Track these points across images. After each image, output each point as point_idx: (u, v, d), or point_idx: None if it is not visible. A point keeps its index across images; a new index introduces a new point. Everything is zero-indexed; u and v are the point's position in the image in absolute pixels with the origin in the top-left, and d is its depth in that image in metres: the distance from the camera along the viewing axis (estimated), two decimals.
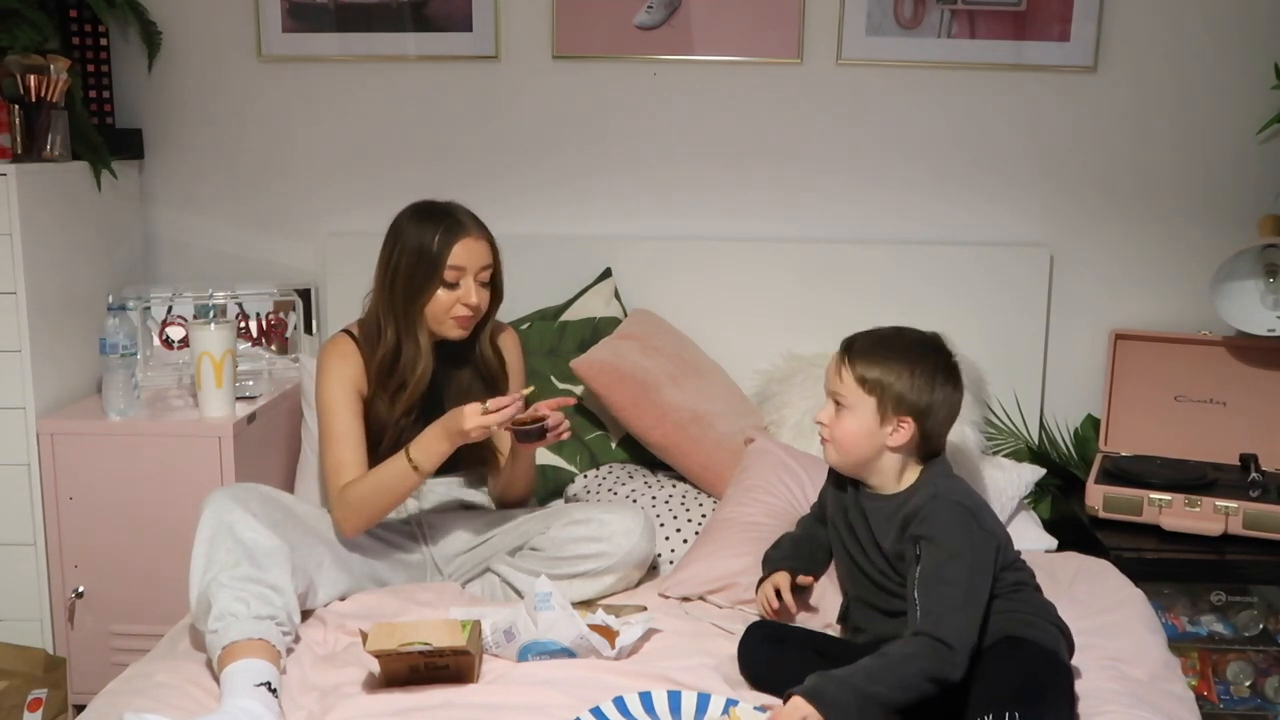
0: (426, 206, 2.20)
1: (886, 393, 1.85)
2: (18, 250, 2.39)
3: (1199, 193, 2.87)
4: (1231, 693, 2.48)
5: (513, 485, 2.32)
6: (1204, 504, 2.44)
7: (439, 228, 2.15)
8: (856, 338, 1.94)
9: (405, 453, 2.09)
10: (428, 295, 2.16)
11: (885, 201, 2.92)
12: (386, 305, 2.19)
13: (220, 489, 2.05)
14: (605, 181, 2.95)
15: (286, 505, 2.15)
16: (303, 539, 2.06)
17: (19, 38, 2.51)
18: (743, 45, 2.86)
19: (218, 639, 1.82)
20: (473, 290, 2.16)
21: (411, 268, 2.15)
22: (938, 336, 1.94)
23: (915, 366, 1.86)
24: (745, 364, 2.84)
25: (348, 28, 2.89)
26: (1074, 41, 2.81)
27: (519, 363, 2.38)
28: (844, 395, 1.89)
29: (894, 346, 1.89)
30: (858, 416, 1.88)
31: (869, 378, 1.87)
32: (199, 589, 1.90)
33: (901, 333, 1.93)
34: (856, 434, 1.88)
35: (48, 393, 2.50)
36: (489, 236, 2.21)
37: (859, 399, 1.87)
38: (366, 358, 2.21)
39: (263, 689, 1.74)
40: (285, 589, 1.92)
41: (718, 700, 1.72)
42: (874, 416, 1.86)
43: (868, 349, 1.90)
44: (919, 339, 1.92)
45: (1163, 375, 2.78)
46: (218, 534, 1.94)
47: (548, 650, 1.89)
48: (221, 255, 3.00)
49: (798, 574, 2.05)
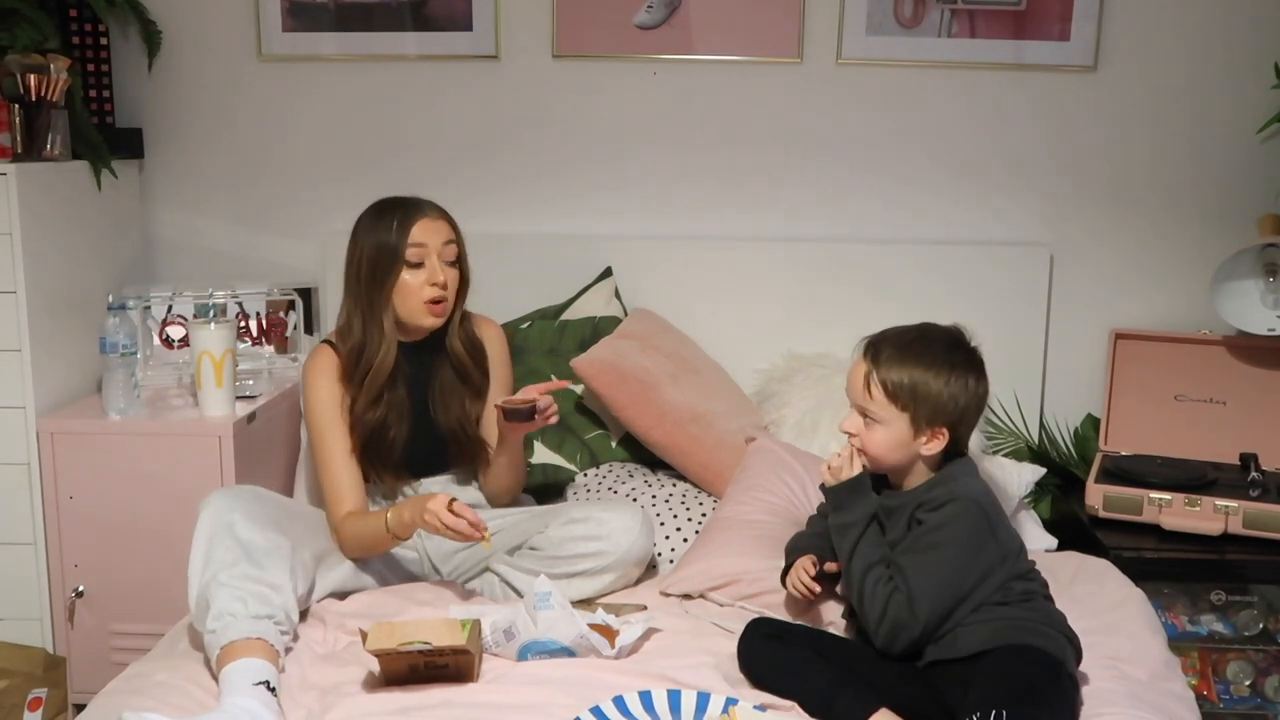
0: (382, 201, 2.26)
1: (920, 407, 1.79)
2: (18, 250, 2.39)
3: (1199, 192, 2.87)
4: (1231, 692, 2.47)
5: (501, 476, 2.32)
6: (1204, 503, 2.44)
7: (395, 215, 2.20)
8: (881, 345, 1.84)
9: (385, 520, 2.10)
10: (392, 280, 2.19)
11: (885, 201, 2.92)
12: (353, 301, 2.23)
13: (219, 490, 2.06)
14: (605, 181, 2.95)
15: (286, 505, 2.17)
16: (303, 537, 2.07)
17: (19, 37, 2.51)
18: (743, 45, 2.86)
19: (216, 638, 1.83)
20: (438, 268, 2.19)
21: (374, 257, 2.19)
22: (960, 331, 1.87)
23: (949, 374, 1.79)
24: (745, 363, 2.84)
25: (347, 27, 2.89)
26: (1074, 41, 2.80)
27: (502, 355, 2.39)
28: (874, 411, 1.82)
29: (923, 354, 1.81)
30: (890, 430, 1.82)
31: (901, 393, 1.80)
32: (198, 588, 1.91)
33: (926, 335, 1.85)
34: (889, 446, 1.83)
35: (48, 392, 2.49)
36: (448, 217, 2.25)
37: (892, 414, 1.81)
38: (340, 341, 2.25)
39: (261, 688, 1.74)
40: (284, 588, 1.92)
41: (717, 699, 1.72)
42: (907, 429, 1.81)
43: (897, 359, 1.81)
44: (946, 340, 1.84)
45: (1163, 374, 2.77)
46: (216, 533, 1.94)
47: (547, 649, 1.89)
48: (221, 254, 3.00)
49: (824, 560, 1.99)
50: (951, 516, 1.78)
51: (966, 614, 1.77)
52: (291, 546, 1.99)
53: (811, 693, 1.74)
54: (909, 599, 1.76)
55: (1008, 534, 1.84)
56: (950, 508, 1.79)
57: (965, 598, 1.76)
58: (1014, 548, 1.83)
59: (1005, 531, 1.83)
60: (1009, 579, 1.79)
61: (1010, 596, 1.78)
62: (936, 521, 1.79)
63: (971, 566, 1.77)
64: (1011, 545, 1.83)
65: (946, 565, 1.76)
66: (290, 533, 2.03)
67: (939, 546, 1.77)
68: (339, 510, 2.19)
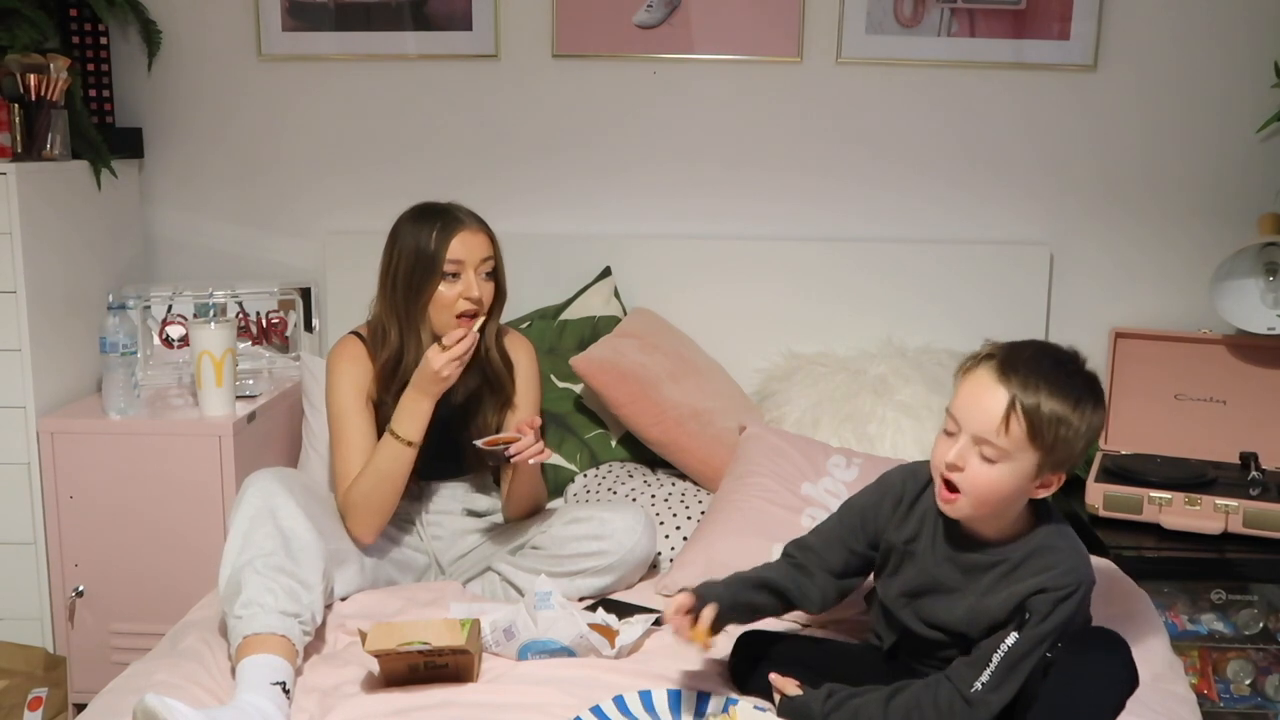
0: (423, 207, 2.21)
1: (1056, 451, 1.54)
2: (18, 249, 2.39)
3: (1199, 191, 2.87)
4: (1232, 691, 2.48)
5: (516, 500, 2.27)
6: (1204, 502, 2.44)
7: (435, 224, 2.15)
8: (1020, 368, 1.54)
9: (390, 431, 2.10)
10: (429, 292, 2.15)
11: (885, 200, 2.92)
12: (389, 308, 2.19)
13: (265, 470, 2.03)
14: (605, 180, 2.95)
15: (322, 498, 2.16)
16: (333, 534, 2.07)
17: (19, 37, 2.51)
18: (742, 44, 2.86)
19: (241, 625, 1.81)
20: (474, 283, 2.16)
21: (411, 267, 2.15)
22: (1081, 358, 1.62)
23: (1091, 411, 1.55)
24: (745, 362, 2.84)
25: (347, 26, 2.89)
26: (1074, 40, 2.80)
27: (531, 372, 2.32)
28: (1004, 446, 1.54)
29: (1068, 386, 1.54)
30: (1015, 471, 1.55)
31: (1047, 431, 1.52)
32: (231, 568, 1.89)
33: (1062, 361, 1.58)
34: (1007, 488, 1.56)
35: (48, 392, 2.50)
36: (488, 230, 2.21)
37: (1024, 454, 1.54)
38: (374, 359, 2.21)
39: (277, 688, 1.73)
40: (314, 587, 1.91)
41: (717, 699, 1.73)
42: (1032, 471, 1.55)
43: (1046, 389, 1.53)
44: (1084, 377, 1.58)
45: (1163, 373, 2.78)
46: (260, 515, 1.92)
47: (547, 649, 1.89)
48: (221, 254, 3.00)
49: (721, 609, 1.71)
50: (1053, 621, 1.57)
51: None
52: (326, 543, 1.98)
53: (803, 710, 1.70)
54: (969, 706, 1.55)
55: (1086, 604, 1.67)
56: (1068, 608, 1.57)
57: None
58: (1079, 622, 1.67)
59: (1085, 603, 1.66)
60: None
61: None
62: (1031, 643, 1.56)
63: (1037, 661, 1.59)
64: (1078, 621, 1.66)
65: (1020, 675, 1.57)
66: (324, 526, 2.02)
67: (1019, 668, 1.57)
68: (345, 488, 2.16)
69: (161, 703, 1.57)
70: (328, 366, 2.25)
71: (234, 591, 1.86)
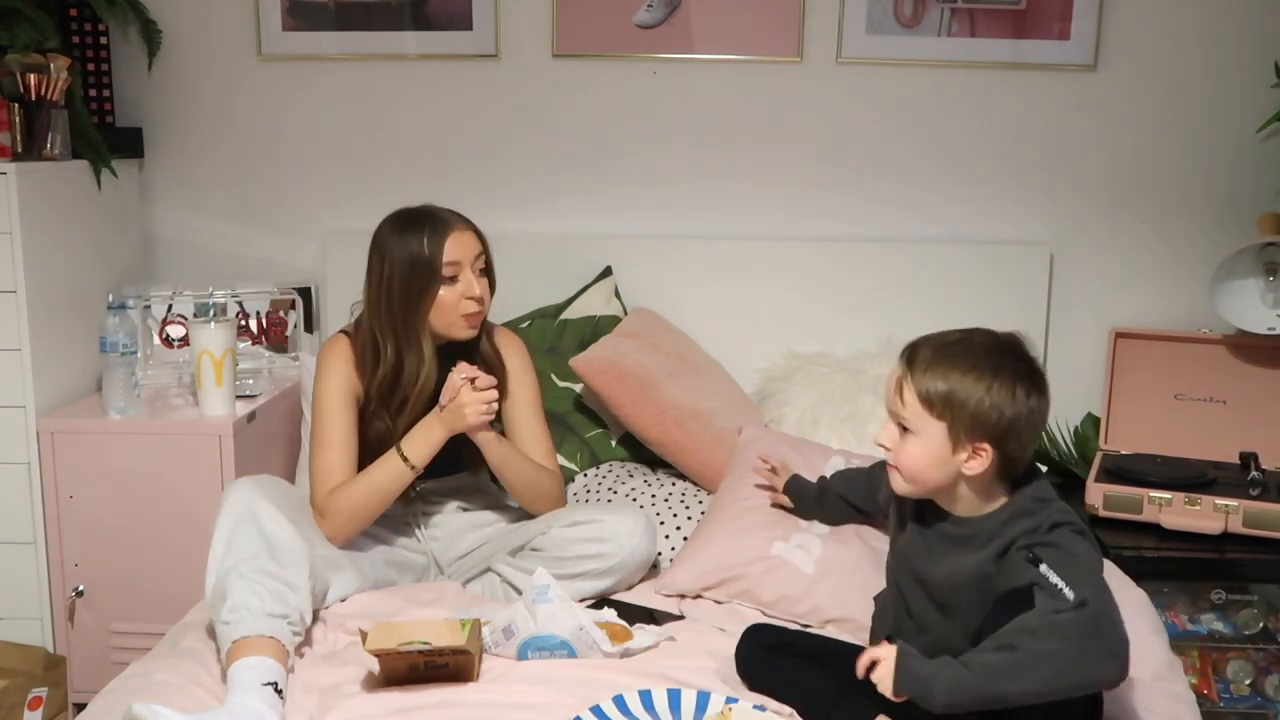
0: (403, 214, 2.18)
1: (957, 416, 1.59)
2: (18, 249, 2.39)
3: (1199, 191, 2.87)
4: (1232, 691, 2.48)
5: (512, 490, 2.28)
6: (1204, 502, 2.44)
7: (424, 230, 2.13)
8: (919, 347, 1.65)
9: (397, 450, 2.10)
10: (429, 299, 2.14)
11: (885, 200, 2.92)
12: (384, 322, 2.15)
13: (245, 477, 2.04)
14: (605, 180, 2.95)
15: (304, 504, 2.15)
16: (320, 539, 2.07)
17: (19, 36, 2.51)
18: (742, 44, 2.86)
19: (229, 630, 1.81)
20: (473, 282, 2.15)
21: (407, 276, 2.12)
22: (1016, 339, 1.67)
23: (991, 382, 1.58)
24: (745, 362, 2.84)
25: (347, 26, 2.89)
26: (1074, 40, 2.80)
27: (523, 362, 2.32)
28: (908, 418, 1.63)
29: (963, 357, 1.61)
30: (925, 443, 1.62)
31: (935, 399, 1.60)
32: (216, 575, 1.89)
33: (972, 338, 1.65)
34: (924, 462, 1.63)
35: (48, 391, 2.50)
36: (473, 226, 2.20)
37: (925, 423, 1.61)
38: (359, 358, 2.20)
39: (269, 689, 1.73)
40: (301, 588, 1.91)
41: (717, 699, 1.72)
42: (944, 443, 1.61)
43: (932, 362, 1.61)
44: (993, 344, 1.64)
45: (1163, 373, 2.77)
46: (241, 521, 1.93)
47: (547, 645, 1.88)
48: (221, 254, 3.00)
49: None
50: (1073, 547, 1.55)
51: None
52: (311, 546, 1.98)
53: (810, 701, 1.72)
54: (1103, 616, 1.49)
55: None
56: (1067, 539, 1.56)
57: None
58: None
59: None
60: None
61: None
62: (1065, 557, 1.54)
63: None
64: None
65: (1099, 578, 1.54)
66: (311, 530, 2.02)
67: (1084, 565, 1.54)
68: (326, 486, 2.13)
69: (149, 710, 1.58)
70: (317, 362, 2.24)
71: (220, 597, 1.86)
